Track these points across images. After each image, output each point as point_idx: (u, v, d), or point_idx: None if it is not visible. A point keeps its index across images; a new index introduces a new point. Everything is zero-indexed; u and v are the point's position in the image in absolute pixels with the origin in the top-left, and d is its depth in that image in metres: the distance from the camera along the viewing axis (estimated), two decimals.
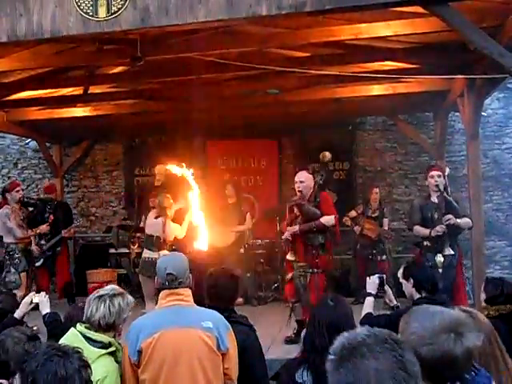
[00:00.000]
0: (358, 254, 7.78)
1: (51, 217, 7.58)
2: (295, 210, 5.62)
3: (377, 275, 3.67)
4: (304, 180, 5.49)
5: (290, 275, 5.63)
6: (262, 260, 8.29)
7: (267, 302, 8.02)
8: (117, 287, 2.91)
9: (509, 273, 8.77)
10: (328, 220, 5.41)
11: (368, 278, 3.69)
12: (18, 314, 3.77)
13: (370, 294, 3.62)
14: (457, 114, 8.15)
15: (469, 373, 1.75)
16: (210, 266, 3.66)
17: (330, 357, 1.30)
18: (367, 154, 9.53)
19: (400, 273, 3.65)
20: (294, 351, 4.13)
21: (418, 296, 3.46)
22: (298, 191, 5.50)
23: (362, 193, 9.15)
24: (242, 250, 7.92)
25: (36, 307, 3.77)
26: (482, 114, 7.30)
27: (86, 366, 1.75)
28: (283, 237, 5.73)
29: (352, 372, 1.23)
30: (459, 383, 1.70)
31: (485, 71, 5.50)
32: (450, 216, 5.22)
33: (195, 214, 6.24)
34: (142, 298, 7.84)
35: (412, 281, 3.50)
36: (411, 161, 9.38)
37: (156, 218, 6.79)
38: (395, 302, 3.74)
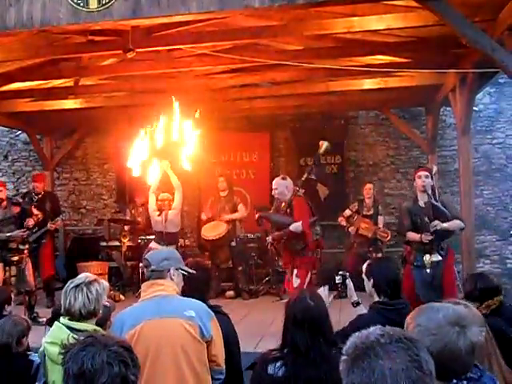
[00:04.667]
0: (355, 251, 7.77)
1: (35, 214, 7.39)
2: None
3: (340, 272, 3.64)
4: (277, 187, 5.79)
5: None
6: (253, 253, 8.30)
7: (258, 296, 8.03)
8: (89, 274, 2.94)
9: (498, 267, 8.84)
10: (296, 227, 5.58)
11: (322, 288, 3.55)
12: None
13: None
14: (448, 108, 8.17)
15: (474, 372, 1.72)
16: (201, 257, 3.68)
17: (343, 357, 1.29)
18: (359, 148, 9.54)
19: (363, 268, 3.49)
20: None
21: (376, 298, 3.29)
22: (276, 197, 5.89)
23: (354, 187, 9.18)
24: (233, 243, 7.91)
25: None
26: (474, 108, 7.31)
27: (123, 360, 1.49)
28: (267, 239, 6.03)
29: (366, 372, 1.22)
30: (466, 382, 1.67)
31: (477, 66, 5.51)
32: (436, 222, 5.24)
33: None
34: (132, 291, 7.89)
35: (372, 281, 3.34)
36: (403, 155, 9.40)
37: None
38: (355, 298, 3.64)
